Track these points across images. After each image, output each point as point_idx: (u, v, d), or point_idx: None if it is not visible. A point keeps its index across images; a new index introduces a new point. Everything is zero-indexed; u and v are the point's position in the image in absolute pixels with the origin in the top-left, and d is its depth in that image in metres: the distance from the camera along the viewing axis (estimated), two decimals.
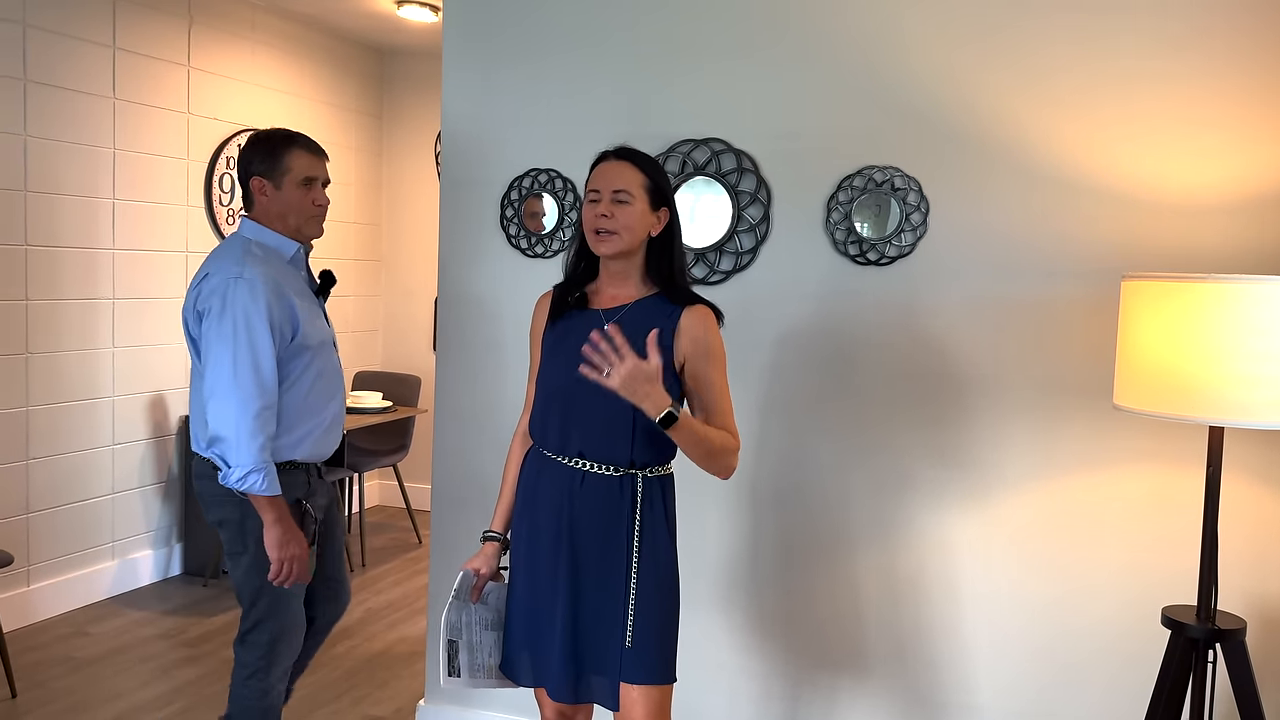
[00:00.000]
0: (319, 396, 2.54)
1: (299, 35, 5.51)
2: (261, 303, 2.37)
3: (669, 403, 1.96)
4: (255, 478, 2.35)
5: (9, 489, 4.06)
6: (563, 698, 2.14)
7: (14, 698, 3.47)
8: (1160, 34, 2.50)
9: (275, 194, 2.49)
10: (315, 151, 2.53)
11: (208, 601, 4.53)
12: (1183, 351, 2.04)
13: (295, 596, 2.55)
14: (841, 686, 2.87)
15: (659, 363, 1.95)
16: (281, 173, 2.48)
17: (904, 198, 2.71)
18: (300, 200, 2.49)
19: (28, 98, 4.03)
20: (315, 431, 2.54)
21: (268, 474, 2.37)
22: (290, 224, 2.51)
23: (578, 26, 2.97)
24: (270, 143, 2.49)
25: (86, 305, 4.34)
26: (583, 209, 2.14)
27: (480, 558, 2.24)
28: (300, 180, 2.49)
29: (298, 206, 2.49)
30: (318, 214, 2.54)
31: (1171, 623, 2.23)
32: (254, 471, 2.35)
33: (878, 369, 2.78)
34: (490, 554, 2.25)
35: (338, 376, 2.62)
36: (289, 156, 2.48)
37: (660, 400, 1.95)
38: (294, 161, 2.48)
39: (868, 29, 2.72)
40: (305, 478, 2.56)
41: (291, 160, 2.48)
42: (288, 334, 2.46)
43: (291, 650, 2.59)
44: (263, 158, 2.49)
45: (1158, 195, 2.54)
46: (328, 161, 2.59)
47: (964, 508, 2.73)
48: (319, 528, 2.62)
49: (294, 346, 2.47)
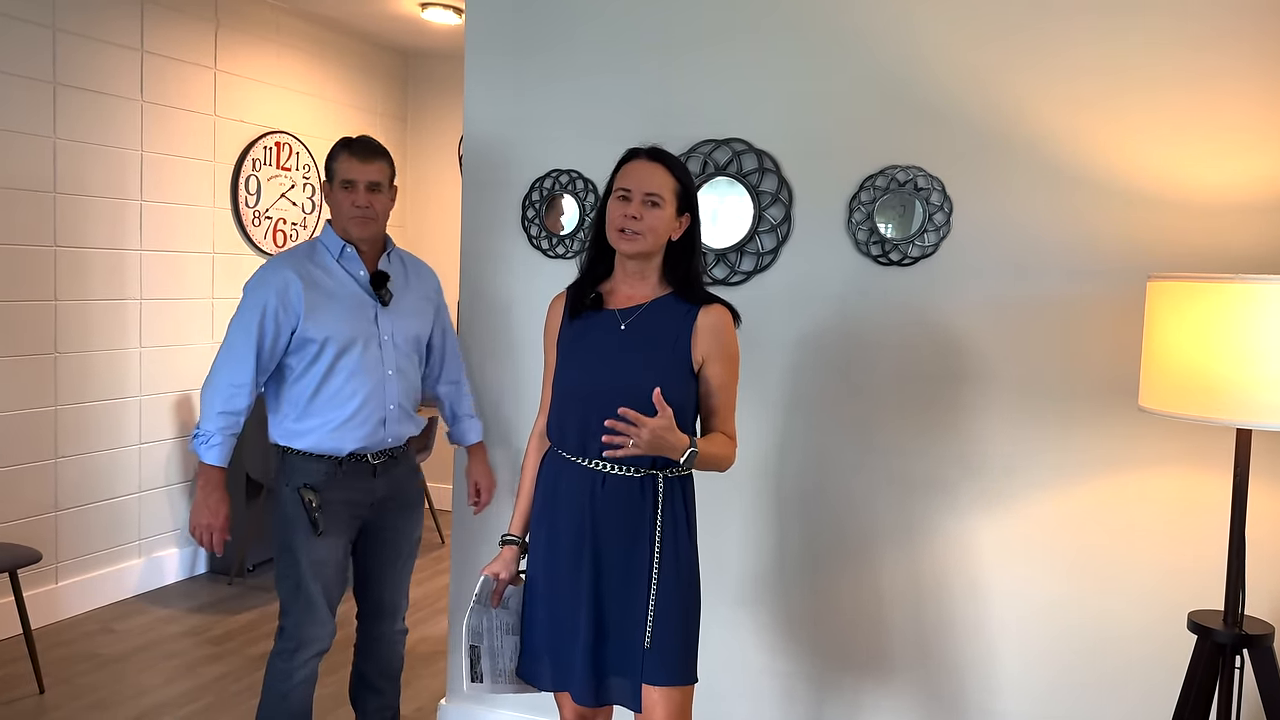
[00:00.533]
0: (336, 392, 2.59)
1: (324, 38, 5.55)
2: (261, 292, 2.58)
3: (687, 443, 2.02)
4: (199, 442, 2.54)
5: (38, 487, 4.11)
6: (586, 701, 2.13)
7: (42, 693, 3.51)
8: (1184, 34, 2.48)
9: (329, 196, 2.67)
10: (358, 155, 2.62)
11: (232, 600, 4.56)
12: (1209, 353, 2.02)
13: (312, 588, 2.60)
14: (865, 689, 2.85)
15: (670, 413, 1.99)
16: (331, 176, 2.65)
17: (927, 198, 2.69)
18: (342, 202, 2.62)
19: (57, 100, 4.08)
20: (327, 426, 2.59)
21: (214, 445, 2.54)
22: (339, 225, 2.66)
23: (598, 28, 2.97)
24: (332, 148, 2.67)
25: (114, 306, 4.39)
26: (607, 203, 2.13)
27: (499, 562, 2.25)
28: (341, 183, 2.62)
29: (340, 208, 2.63)
30: (356, 215, 2.61)
31: (1198, 628, 2.21)
32: (200, 436, 2.55)
33: (900, 370, 2.76)
34: (509, 558, 2.26)
35: (370, 376, 2.62)
36: (336, 161, 2.64)
37: (681, 444, 2.01)
38: (338, 165, 2.63)
39: (890, 29, 2.71)
40: (318, 468, 2.60)
41: (337, 164, 2.63)
42: (284, 326, 2.56)
43: (313, 640, 2.62)
44: (326, 162, 2.69)
45: (1184, 195, 2.51)
46: (380, 163, 2.65)
47: (988, 510, 2.71)
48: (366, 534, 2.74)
49: (297, 339, 2.57)
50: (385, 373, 2.65)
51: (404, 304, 2.71)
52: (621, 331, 2.11)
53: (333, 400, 2.59)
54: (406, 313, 2.71)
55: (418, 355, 2.76)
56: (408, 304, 2.73)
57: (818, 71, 2.78)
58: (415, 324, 2.74)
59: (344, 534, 2.65)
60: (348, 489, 2.63)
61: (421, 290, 2.81)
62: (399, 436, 2.70)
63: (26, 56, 3.95)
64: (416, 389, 2.77)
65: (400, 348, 2.68)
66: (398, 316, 2.69)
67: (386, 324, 2.66)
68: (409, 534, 2.81)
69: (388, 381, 2.65)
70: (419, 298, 2.79)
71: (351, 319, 2.60)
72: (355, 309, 2.62)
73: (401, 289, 2.73)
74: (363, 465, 2.65)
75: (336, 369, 2.59)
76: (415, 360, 2.75)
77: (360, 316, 2.62)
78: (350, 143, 2.64)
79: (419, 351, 2.77)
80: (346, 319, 2.59)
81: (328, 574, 2.62)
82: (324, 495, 2.59)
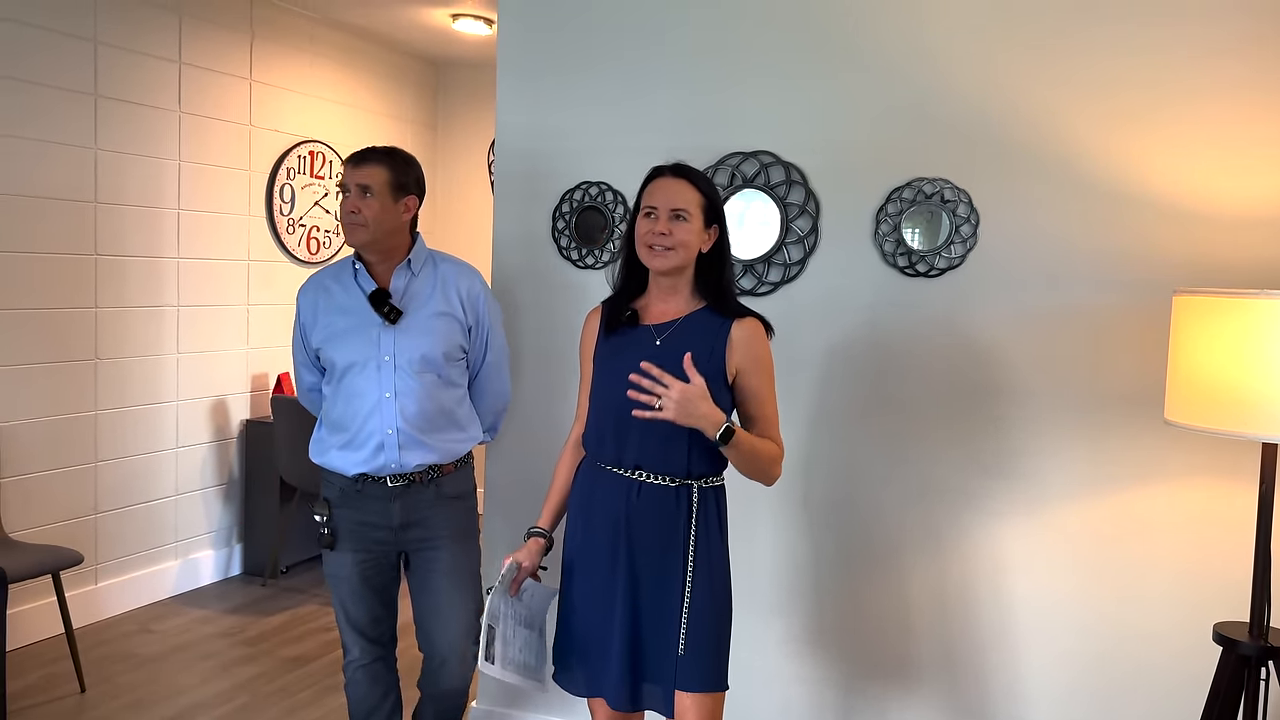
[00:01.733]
0: (342, 416, 2.55)
1: (356, 48, 5.63)
2: (298, 308, 2.66)
3: (724, 418, 2.02)
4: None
5: (79, 490, 4.21)
6: (621, 706, 2.18)
7: (83, 692, 3.60)
8: (1212, 44, 2.49)
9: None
10: (353, 159, 2.52)
11: (266, 601, 4.64)
12: (1235, 367, 2.03)
13: (334, 598, 2.63)
14: (892, 695, 2.88)
15: (702, 381, 2.00)
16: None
17: (954, 209, 2.71)
18: (340, 209, 2.55)
19: (98, 112, 4.18)
20: (336, 445, 2.57)
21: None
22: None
23: (629, 41, 3.01)
24: None
25: (152, 312, 4.48)
26: (636, 222, 2.18)
27: (524, 551, 2.29)
28: (339, 188, 2.57)
29: (340, 216, 2.56)
30: (346, 221, 2.51)
31: (1223, 639, 2.22)
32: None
33: (927, 380, 2.78)
34: (534, 550, 2.30)
35: (366, 399, 2.51)
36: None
37: (716, 417, 2.01)
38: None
39: (916, 42, 2.73)
40: (336, 483, 2.59)
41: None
42: (310, 343, 2.62)
43: (347, 647, 2.66)
44: None
45: (1212, 208, 2.52)
46: (372, 166, 2.50)
47: (1014, 520, 2.73)
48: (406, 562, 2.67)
49: (321, 358, 2.61)
50: (381, 395, 2.49)
51: (415, 321, 2.52)
52: (657, 346, 2.16)
53: (339, 421, 2.55)
54: (415, 331, 2.51)
55: (433, 375, 2.53)
56: (419, 321, 2.52)
57: (845, 84, 2.81)
58: (424, 343, 2.51)
59: (360, 553, 2.58)
60: (361, 510, 2.57)
61: (445, 304, 2.57)
62: (404, 464, 2.52)
63: (69, 70, 4.05)
64: (433, 413, 2.54)
65: (402, 369, 2.49)
66: (403, 335, 2.50)
67: (388, 343, 2.49)
68: (437, 567, 2.60)
69: (383, 405, 2.49)
70: (436, 314, 2.55)
71: (355, 338, 2.52)
72: (360, 327, 2.52)
73: (420, 304, 2.55)
74: (379, 487, 2.55)
75: (342, 389, 2.54)
76: (430, 381, 2.52)
77: (363, 335, 2.51)
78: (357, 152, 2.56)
79: (434, 372, 2.53)
80: (351, 338, 2.52)
81: (344, 589, 2.61)
82: (338, 512, 2.57)
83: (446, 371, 2.56)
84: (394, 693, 2.73)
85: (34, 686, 3.63)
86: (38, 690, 3.60)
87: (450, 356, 2.56)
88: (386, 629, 2.69)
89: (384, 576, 2.64)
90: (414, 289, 2.57)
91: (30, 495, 4.00)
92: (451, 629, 2.62)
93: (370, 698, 2.69)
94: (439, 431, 2.56)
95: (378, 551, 2.60)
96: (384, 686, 2.70)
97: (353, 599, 2.61)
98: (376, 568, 2.61)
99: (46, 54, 3.96)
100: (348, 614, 2.63)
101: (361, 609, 2.63)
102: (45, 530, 4.06)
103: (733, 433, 2.03)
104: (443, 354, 2.54)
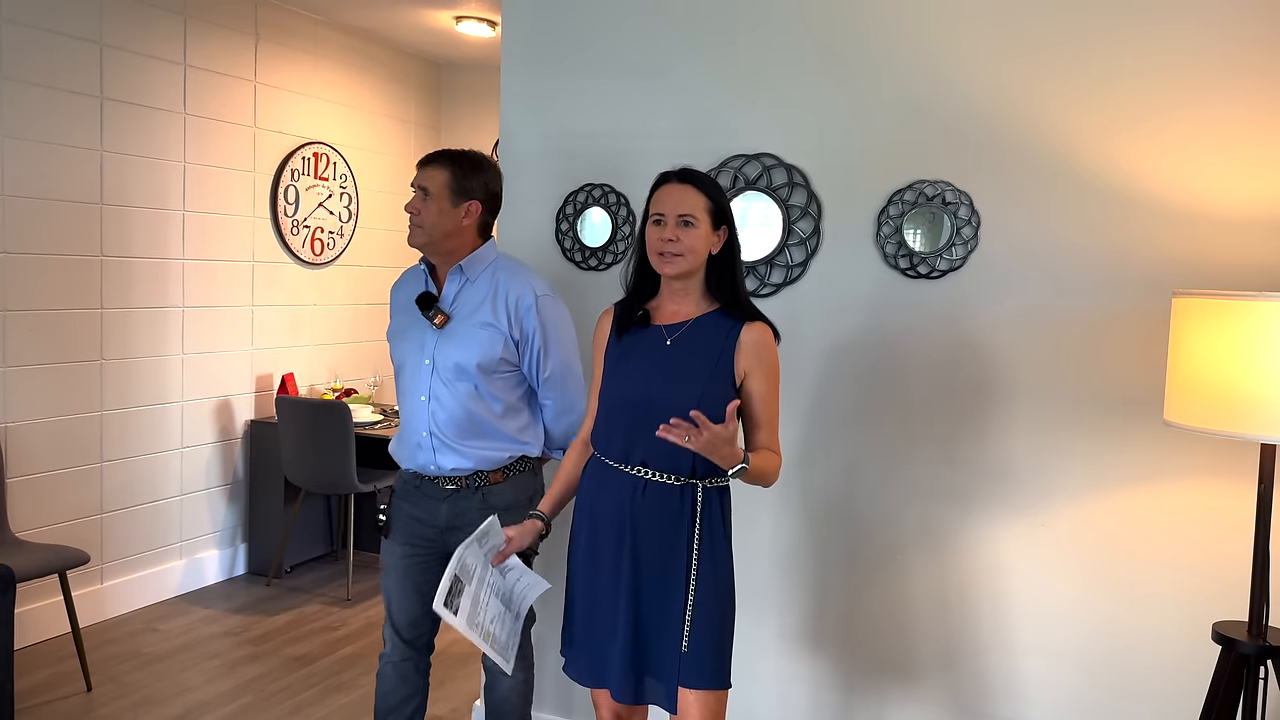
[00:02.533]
0: (401, 409, 2.65)
1: (360, 50, 5.65)
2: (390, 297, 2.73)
3: (741, 458, 2.06)
4: None
5: (84, 490, 4.23)
6: (624, 698, 2.21)
7: (89, 691, 3.62)
8: (1212, 45, 2.50)
9: None
10: (420, 162, 2.60)
11: (270, 601, 4.66)
12: (1234, 369, 2.05)
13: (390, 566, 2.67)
14: (891, 695, 2.89)
15: (736, 427, 2.04)
16: None
17: (955, 211, 2.73)
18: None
19: (104, 114, 4.20)
20: (397, 439, 2.68)
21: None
22: None
23: (631, 45, 3.03)
24: None
25: (157, 313, 4.51)
26: (646, 229, 2.21)
27: (516, 528, 2.32)
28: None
29: None
30: (410, 224, 2.56)
31: (1222, 639, 2.23)
32: None
33: (928, 381, 2.80)
34: (529, 529, 2.33)
35: (407, 399, 2.59)
36: None
37: (734, 459, 2.05)
38: None
39: (918, 43, 2.75)
40: (401, 477, 2.68)
41: None
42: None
43: (390, 619, 2.69)
44: None
45: (1213, 209, 2.53)
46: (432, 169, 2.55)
47: (1013, 521, 2.75)
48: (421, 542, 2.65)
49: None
50: (418, 398, 2.55)
51: (460, 329, 2.52)
52: (667, 347, 2.19)
53: (401, 415, 2.67)
54: (457, 338, 2.51)
55: (468, 385, 2.51)
56: (463, 330, 2.51)
57: (847, 87, 2.82)
58: (462, 352, 2.50)
59: (407, 545, 2.63)
60: (415, 505, 2.63)
61: (491, 316, 2.52)
62: (441, 466, 2.55)
63: (75, 72, 4.07)
64: (463, 421, 2.53)
65: (440, 374, 2.52)
66: (446, 341, 2.52)
67: (431, 347, 2.53)
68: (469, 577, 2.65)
69: (419, 408, 2.55)
70: (481, 324, 2.51)
71: (408, 338, 2.60)
72: (413, 328, 2.58)
73: (468, 312, 2.53)
74: (434, 487, 2.60)
75: (399, 387, 2.65)
76: (464, 391, 2.51)
77: (415, 337, 2.57)
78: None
79: (469, 381, 2.51)
80: (405, 337, 2.61)
81: (391, 580, 2.66)
82: (397, 503, 2.66)
83: (484, 383, 2.52)
84: (419, 696, 2.76)
85: (41, 685, 3.65)
86: (44, 689, 3.63)
87: (488, 369, 2.51)
88: (424, 633, 2.71)
89: (426, 574, 2.65)
90: (466, 295, 2.55)
91: (36, 495, 4.02)
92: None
93: (395, 695, 2.72)
94: (471, 439, 2.54)
95: (423, 547, 2.64)
96: (410, 688, 2.73)
97: (396, 592, 2.66)
98: (421, 564, 2.65)
99: (52, 56, 3.99)
100: (390, 609, 2.69)
101: (403, 606, 2.66)
102: (51, 530, 4.08)
103: (745, 470, 2.08)
104: (478, 365, 2.50)
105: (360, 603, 4.68)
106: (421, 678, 2.75)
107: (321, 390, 5.44)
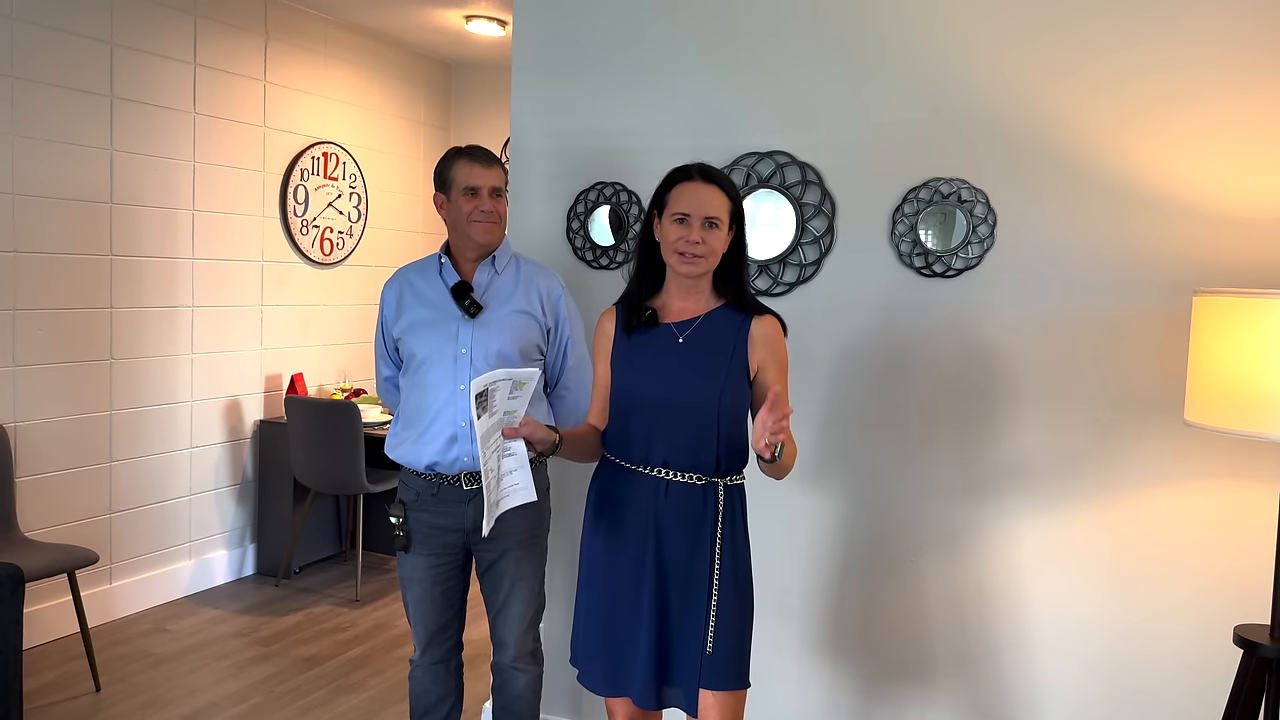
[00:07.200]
0: (416, 408, 2.59)
1: (370, 49, 5.64)
2: (381, 300, 2.70)
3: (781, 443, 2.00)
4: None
5: (93, 490, 4.22)
6: (647, 704, 2.18)
7: (98, 691, 3.61)
8: (1230, 38, 2.47)
9: (445, 206, 2.60)
10: (480, 161, 2.56)
11: (279, 601, 4.65)
12: (1256, 368, 2.02)
13: (404, 598, 2.66)
14: (908, 697, 2.86)
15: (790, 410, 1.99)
16: (448, 185, 2.58)
17: (971, 210, 2.70)
18: (464, 207, 2.55)
19: (114, 113, 4.19)
20: (410, 439, 2.59)
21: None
22: (461, 232, 2.58)
23: (642, 44, 3.01)
24: (444, 158, 2.61)
25: (166, 313, 4.50)
26: (666, 228, 2.16)
27: (535, 423, 2.14)
28: (464, 190, 2.55)
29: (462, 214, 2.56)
30: (481, 220, 2.54)
31: (1244, 642, 2.20)
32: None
33: (944, 381, 2.77)
34: (546, 431, 2.14)
35: (442, 391, 2.55)
36: (452, 169, 2.57)
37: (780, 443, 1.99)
38: (457, 173, 2.56)
39: (932, 41, 2.72)
40: (412, 485, 2.61)
41: (455, 172, 2.56)
42: (390, 335, 2.67)
43: (416, 625, 2.67)
44: (438, 172, 2.61)
45: (1233, 207, 2.50)
46: (497, 167, 2.57)
47: (1031, 522, 2.72)
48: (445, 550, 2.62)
49: (402, 350, 2.65)
50: (456, 388, 2.54)
51: (495, 317, 2.55)
52: (680, 345, 2.17)
53: (415, 412, 2.59)
54: (494, 326, 2.54)
55: None
56: (499, 318, 2.55)
57: (861, 84, 2.80)
58: (501, 339, 2.53)
59: (434, 556, 2.61)
60: (436, 513, 2.59)
61: (525, 303, 2.59)
62: (473, 458, 2.53)
63: (84, 71, 4.07)
64: None
65: (478, 364, 2.52)
66: (482, 330, 2.54)
67: (466, 337, 2.54)
68: (503, 569, 2.62)
69: (458, 397, 2.53)
70: (516, 311, 2.58)
71: (434, 330, 2.56)
72: (440, 320, 2.56)
73: (501, 300, 2.58)
74: (454, 490, 2.58)
75: (419, 381, 2.58)
76: None
77: (443, 329, 2.56)
78: (466, 150, 2.59)
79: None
80: (431, 331, 2.56)
81: (415, 591, 2.63)
82: (413, 515, 2.61)
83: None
84: (453, 696, 2.75)
85: (50, 685, 3.64)
86: (53, 689, 3.62)
87: (526, 355, 2.58)
88: (453, 634, 2.70)
89: (453, 580, 2.65)
90: (496, 285, 2.60)
91: (45, 495, 4.02)
92: (506, 619, 2.67)
93: (429, 696, 2.71)
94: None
95: (448, 555, 2.62)
96: (444, 689, 2.72)
97: (423, 602, 2.64)
98: (446, 572, 2.63)
99: (62, 55, 3.98)
100: (416, 621, 2.67)
101: (430, 614, 2.65)
102: (60, 530, 4.08)
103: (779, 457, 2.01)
104: (518, 351, 2.56)
105: (369, 603, 4.67)
106: (454, 677, 2.74)
107: (331, 390, 5.43)
